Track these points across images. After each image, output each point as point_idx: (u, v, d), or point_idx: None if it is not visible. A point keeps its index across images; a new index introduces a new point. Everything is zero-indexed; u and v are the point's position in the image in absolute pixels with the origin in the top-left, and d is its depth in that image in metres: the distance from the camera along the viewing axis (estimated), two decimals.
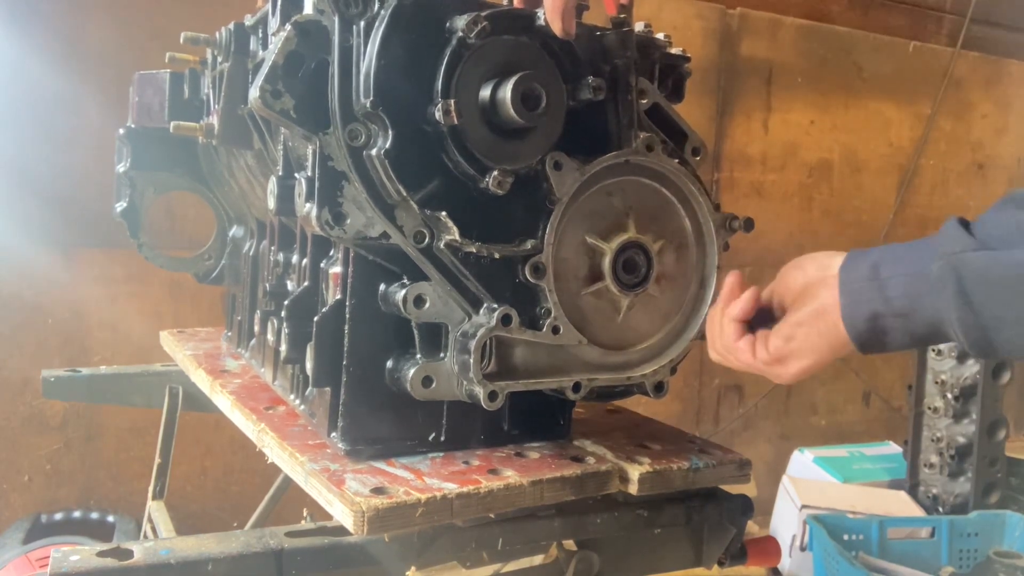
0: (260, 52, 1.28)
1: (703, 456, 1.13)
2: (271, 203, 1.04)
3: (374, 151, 0.94)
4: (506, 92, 0.96)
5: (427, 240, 0.97)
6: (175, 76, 1.57)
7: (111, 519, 2.46)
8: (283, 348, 1.15)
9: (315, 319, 1.05)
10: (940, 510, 2.64)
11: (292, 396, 1.27)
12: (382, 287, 1.03)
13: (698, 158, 1.13)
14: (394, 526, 0.93)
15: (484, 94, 0.98)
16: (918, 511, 2.60)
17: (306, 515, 1.65)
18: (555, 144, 1.02)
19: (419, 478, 1.00)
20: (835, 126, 3.76)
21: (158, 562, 0.89)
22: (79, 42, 2.40)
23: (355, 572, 0.98)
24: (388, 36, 0.94)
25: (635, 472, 1.06)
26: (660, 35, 1.17)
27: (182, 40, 1.44)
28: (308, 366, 1.08)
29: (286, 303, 1.15)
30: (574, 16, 0.99)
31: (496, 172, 0.97)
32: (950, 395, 2.64)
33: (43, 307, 2.43)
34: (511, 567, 1.22)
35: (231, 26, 1.33)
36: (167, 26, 2.33)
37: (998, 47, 4.14)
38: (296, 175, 0.98)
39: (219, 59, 1.39)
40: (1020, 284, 0.75)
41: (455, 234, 0.96)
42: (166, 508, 1.67)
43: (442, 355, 1.02)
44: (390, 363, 1.04)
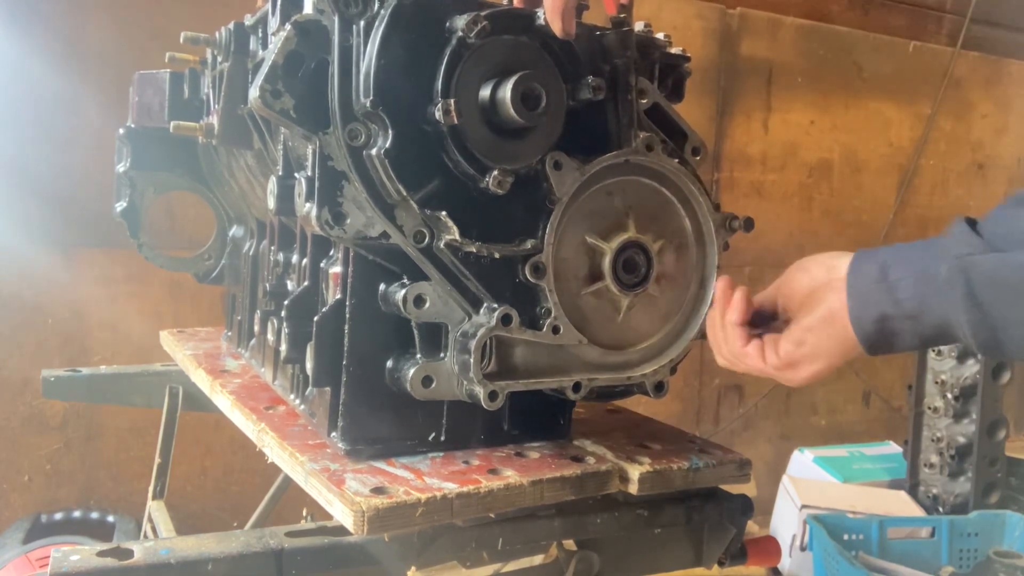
0: (260, 52, 1.28)
1: (703, 456, 1.13)
2: (271, 203, 1.04)
3: (374, 151, 0.94)
4: (506, 92, 0.96)
5: (427, 240, 0.97)
6: (175, 76, 1.57)
7: (111, 519, 2.46)
8: (283, 348, 1.15)
9: (315, 319, 1.05)
10: (940, 510, 2.64)
11: (292, 396, 1.27)
12: (382, 287, 1.03)
13: (698, 158, 1.13)
14: (394, 526, 0.93)
15: (484, 94, 0.98)
16: (918, 511, 2.60)
17: (306, 515, 1.65)
18: (555, 144, 1.02)
19: (419, 478, 1.00)
20: (835, 126, 3.76)
21: (158, 562, 0.89)
22: (79, 42, 2.40)
23: (355, 572, 0.98)
24: (388, 36, 0.94)
25: (635, 472, 1.06)
26: (660, 35, 1.17)
27: (182, 40, 1.44)
28: (308, 366, 1.08)
29: (286, 303, 1.15)
30: (574, 16, 0.98)
31: (496, 172, 0.97)
32: (950, 395, 2.64)
33: (43, 307, 2.43)
34: (511, 567, 1.22)
35: (231, 26, 1.33)
36: (167, 26, 2.33)
37: (998, 47, 4.14)
38: (296, 175, 0.98)
39: (219, 59, 1.39)
40: None
41: (455, 234, 0.96)
42: (166, 508, 1.67)
43: (442, 355, 1.02)
44: (390, 363, 1.04)
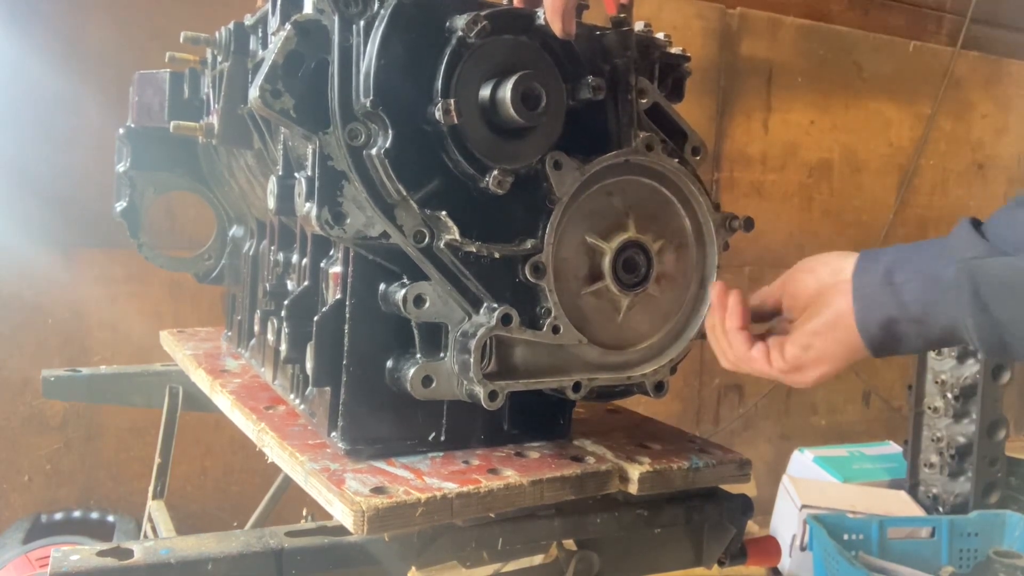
0: (260, 52, 1.28)
1: (703, 456, 1.13)
2: (271, 203, 1.04)
3: (374, 151, 0.94)
4: (506, 92, 0.95)
5: (427, 240, 0.97)
6: (175, 76, 1.57)
7: (111, 519, 2.46)
8: (283, 348, 1.15)
9: (315, 319, 1.05)
10: (940, 510, 2.64)
11: (292, 396, 1.27)
12: (382, 287, 1.03)
13: (698, 158, 1.13)
14: (394, 526, 0.93)
15: (484, 94, 0.98)
16: (918, 511, 2.60)
17: (306, 515, 1.65)
18: (555, 144, 1.02)
19: (419, 478, 1.00)
20: (835, 126, 3.76)
21: (158, 562, 0.89)
22: (79, 42, 2.40)
23: (355, 572, 0.98)
24: (388, 35, 0.94)
25: (635, 472, 1.06)
26: (660, 35, 1.17)
27: (182, 40, 1.44)
28: (308, 366, 1.08)
29: (286, 303, 1.15)
30: (574, 16, 0.98)
31: (496, 172, 0.97)
32: (950, 395, 2.64)
33: (43, 307, 2.43)
34: (511, 567, 1.22)
35: (231, 26, 1.33)
36: (167, 26, 2.33)
37: (998, 47, 4.14)
38: (296, 175, 0.98)
39: (219, 59, 1.39)
40: None
41: (455, 234, 0.96)
42: (166, 508, 1.67)
43: (442, 355, 1.02)
44: (390, 363, 1.04)
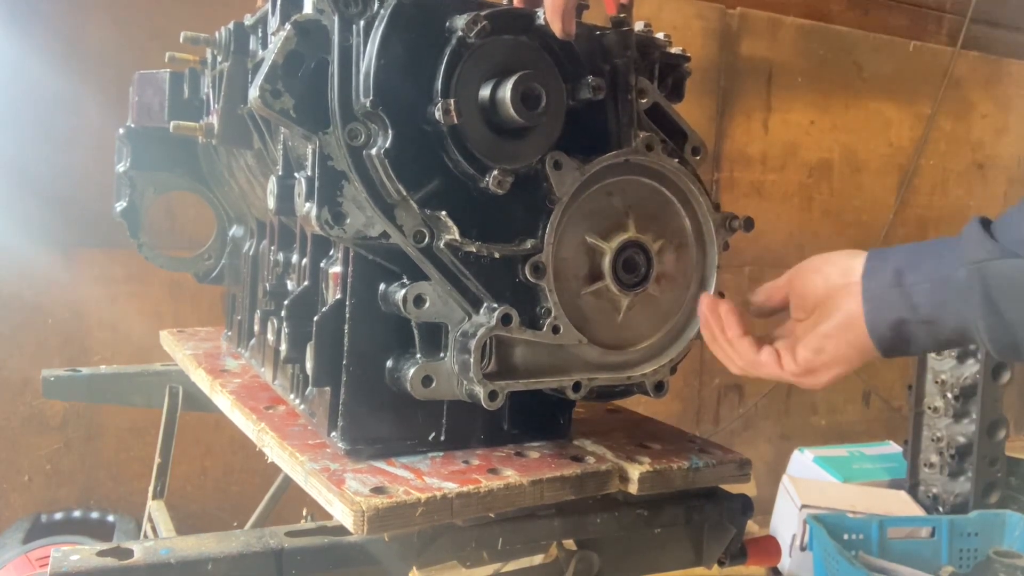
0: (260, 52, 1.28)
1: (703, 456, 1.13)
2: (271, 203, 1.04)
3: (374, 151, 0.94)
4: (506, 92, 0.95)
5: (427, 240, 0.97)
6: (175, 76, 1.57)
7: (111, 519, 2.46)
8: (283, 348, 1.15)
9: (315, 319, 1.05)
10: (940, 510, 2.64)
11: (292, 396, 1.27)
12: (382, 287, 1.03)
13: (698, 158, 1.13)
14: (394, 526, 0.93)
15: (484, 94, 0.98)
16: (918, 511, 2.60)
17: (306, 515, 1.65)
18: (555, 143, 1.02)
19: (419, 477, 1.00)
20: (835, 126, 3.76)
21: (158, 562, 0.89)
22: (79, 42, 2.40)
23: (355, 572, 0.98)
24: (388, 35, 0.94)
25: (635, 472, 1.06)
26: (660, 35, 1.17)
27: (182, 40, 1.44)
28: (308, 366, 1.08)
29: (286, 303, 1.15)
30: (574, 16, 0.98)
31: (496, 172, 0.97)
32: (950, 395, 2.64)
33: (43, 307, 2.43)
34: (511, 567, 1.22)
35: (231, 26, 1.33)
36: (167, 26, 2.33)
37: (998, 47, 4.14)
38: (296, 175, 0.98)
39: (219, 59, 1.38)
40: None
41: (455, 234, 0.96)
42: (166, 508, 1.67)
43: (442, 355, 1.02)
44: (390, 363, 1.04)
